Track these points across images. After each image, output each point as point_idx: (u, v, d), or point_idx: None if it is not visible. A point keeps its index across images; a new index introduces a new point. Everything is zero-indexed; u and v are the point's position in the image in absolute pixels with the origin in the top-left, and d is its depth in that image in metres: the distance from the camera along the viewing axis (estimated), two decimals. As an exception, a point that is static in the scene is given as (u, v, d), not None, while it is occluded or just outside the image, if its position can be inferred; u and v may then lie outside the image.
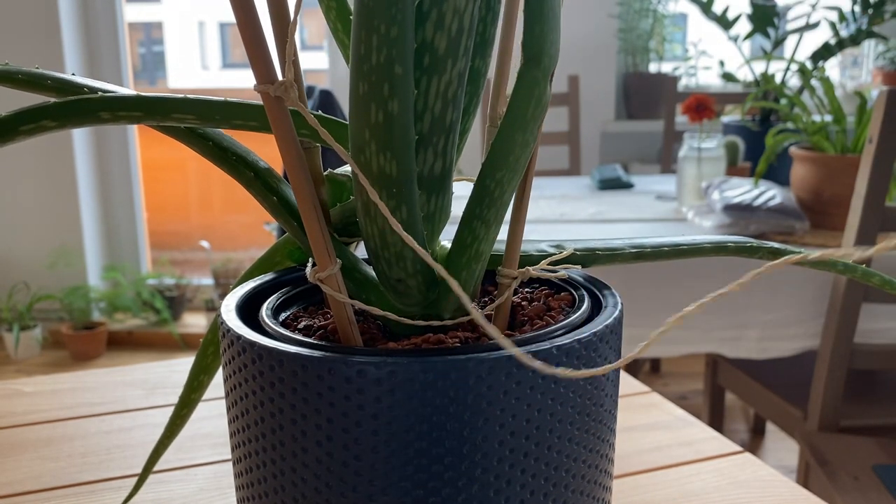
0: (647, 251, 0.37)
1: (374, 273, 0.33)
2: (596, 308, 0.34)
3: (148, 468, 0.45)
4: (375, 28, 0.25)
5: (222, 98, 0.31)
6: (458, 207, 0.32)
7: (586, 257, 0.36)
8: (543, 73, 0.28)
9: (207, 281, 3.01)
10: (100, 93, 0.32)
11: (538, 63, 0.28)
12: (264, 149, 0.37)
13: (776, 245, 0.38)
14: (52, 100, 0.29)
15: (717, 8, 2.04)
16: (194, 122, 0.30)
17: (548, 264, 0.35)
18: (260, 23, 0.25)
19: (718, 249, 0.38)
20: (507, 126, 0.29)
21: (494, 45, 0.33)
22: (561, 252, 0.36)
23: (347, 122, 0.29)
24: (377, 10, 0.25)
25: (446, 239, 0.35)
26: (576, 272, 0.37)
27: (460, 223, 0.31)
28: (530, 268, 0.33)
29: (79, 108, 0.29)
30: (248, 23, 0.25)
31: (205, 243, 3.01)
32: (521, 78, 0.28)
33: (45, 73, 0.32)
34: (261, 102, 0.31)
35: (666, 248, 0.37)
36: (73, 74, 0.32)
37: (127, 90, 0.33)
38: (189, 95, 0.30)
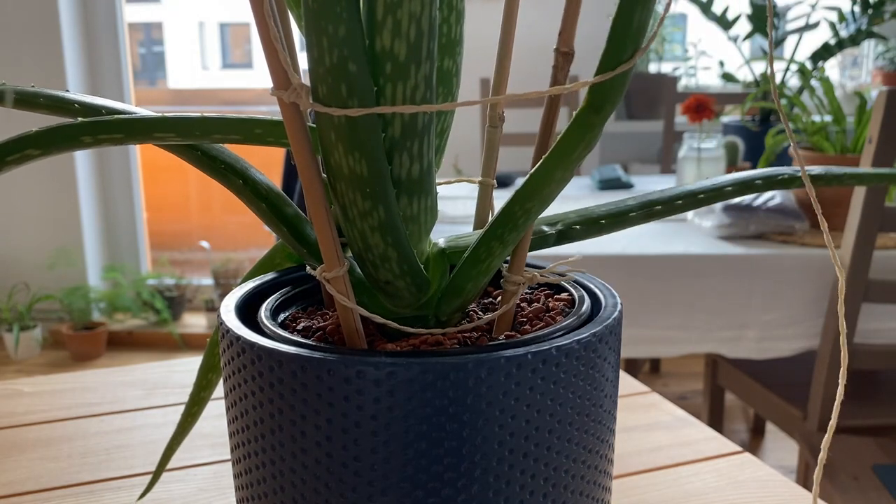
0: (658, 209, 0.34)
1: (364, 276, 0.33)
2: (596, 308, 0.34)
3: (161, 466, 0.45)
4: (324, 29, 0.25)
5: (199, 114, 0.31)
6: (456, 208, 0.32)
7: (590, 228, 0.35)
8: (601, 120, 0.28)
9: (207, 281, 3.01)
10: (84, 105, 0.32)
11: (599, 110, 0.27)
12: (256, 151, 0.37)
13: (816, 170, 0.33)
14: (39, 124, 0.29)
15: (717, 8, 2.04)
16: (175, 139, 0.31)
17: (555, 269, 0.35)
18: (279, 33, 0.25)
19: (744, 188, 0.34)
20: (551, 162, 0.29)
21: (463, 43, 0.33)
22: (556, 226, 0.35)
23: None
24: (322, 11, 0.25)
25: (441, 237, 0.35)
26: (576, 273, 0.37)
27: (479, 239, 0.31)
28: (537, 273, 0.33)
29: (61, 135, 0.29)
30: (267, 33, 0.25)
31: (205, 243, 3.01)
32: (578, 121, 0.28)
33: (38, 91, 0.32)
34: (239, 116, 0.32)
35: (680, 202, 0.34)
36: (67, 91, 0.33)
37: (118, 104, 0.33)
38: (167, 114, 0.31)
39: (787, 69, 1.91)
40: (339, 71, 0.26)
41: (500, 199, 0.29)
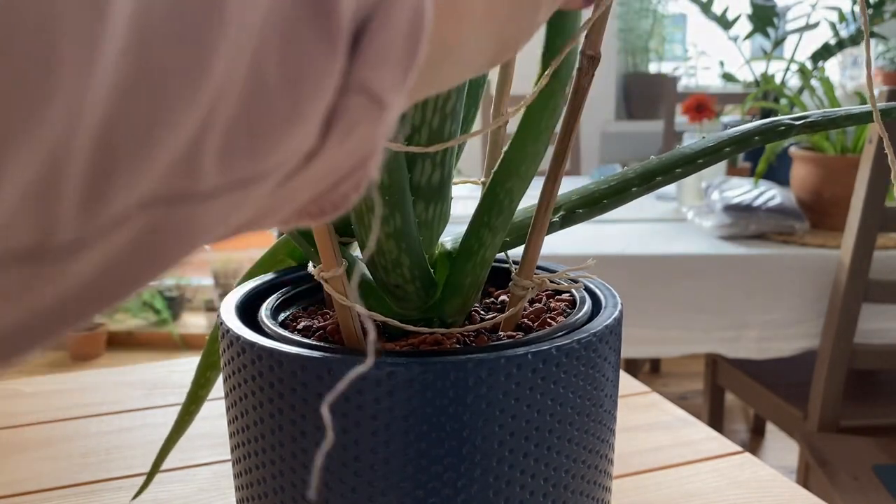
0: (658, 180, 0.33)
1: (372, 278, 0.33)
2: (596, 308, 0.34)
3: (157, 465, 0.45)
4: None
5: None
6: (455, 208, 0.32)
7: (593, 209, 0.34)
8: (560, 87, 0.28)
9: (207, 281, 3.00)
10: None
11: (556, 75, 0.28)
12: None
13: (811, 118, 0.32)
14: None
15: (717, 8, 2.04)
16: None
17: (566, 274, 0.35)
18: None
19: (742, 145, 0.32)
20: (521, 137, 0.29)
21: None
22: (559, 212, 0.34)
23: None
24: None
25: (448, 237, 0.35)
26: (578, 274, 0.37)
27: (467, 230, 0.31)
28: (546, 278, 0.33)
29: None
30: None
31: (205, 243, 3.00)
32: (539, 89, 0.28)
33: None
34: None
35: (679, 170, 0.33)
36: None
37: None
38: None
39: (788, 69, 1.91)
40: None
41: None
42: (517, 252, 0.34)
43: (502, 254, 0.37)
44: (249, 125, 0.11)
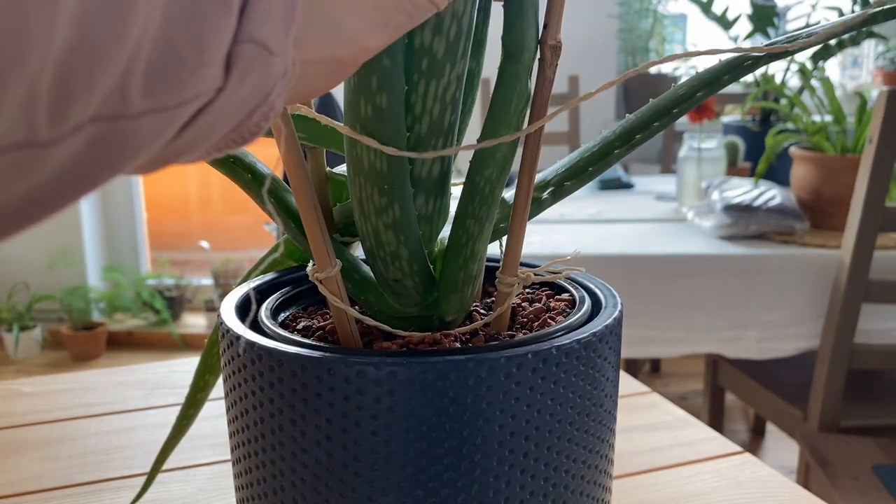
0: (638, 137, 0.34)
1: (372, 274, 0.33)
2: (596, 308, 0.34)
3: (156, 469, 0.45)
4: None
5: None
6: (454, 208, 0.32)
7: (581, 179, 0.34)
8: (524, 68, 0.28)
9: (207, 281, 3.00)
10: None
11: (518, 59, 0.28)
12: (260, 149, 0.37)
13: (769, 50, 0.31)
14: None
15: (717, 8, 2.04)
16: None
17: (549, 268, 0.35)
18: None
19: (713, 87, 0.33)
20: (491, 122, 0.29)
21: (487, 45, 0.33)
22: (547, 189, 0.34)
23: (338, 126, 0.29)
24: None
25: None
26: (577, 273, 0.37)
27: (454, 223, 0.31)
28: (531, 272, 0.33)
29: None
30: None
31: (204, 244, 3.01)
32: (502, 74, 0.28)
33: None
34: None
35: (657, 123, 0.33)
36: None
37: None
38: None
39: (788, 69, 1.91)
40: (371, 62, 0.26)
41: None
42: (526, 251, 0.35)
43: (498, 253, 0.37)
44: (164, 69, 0.15)
